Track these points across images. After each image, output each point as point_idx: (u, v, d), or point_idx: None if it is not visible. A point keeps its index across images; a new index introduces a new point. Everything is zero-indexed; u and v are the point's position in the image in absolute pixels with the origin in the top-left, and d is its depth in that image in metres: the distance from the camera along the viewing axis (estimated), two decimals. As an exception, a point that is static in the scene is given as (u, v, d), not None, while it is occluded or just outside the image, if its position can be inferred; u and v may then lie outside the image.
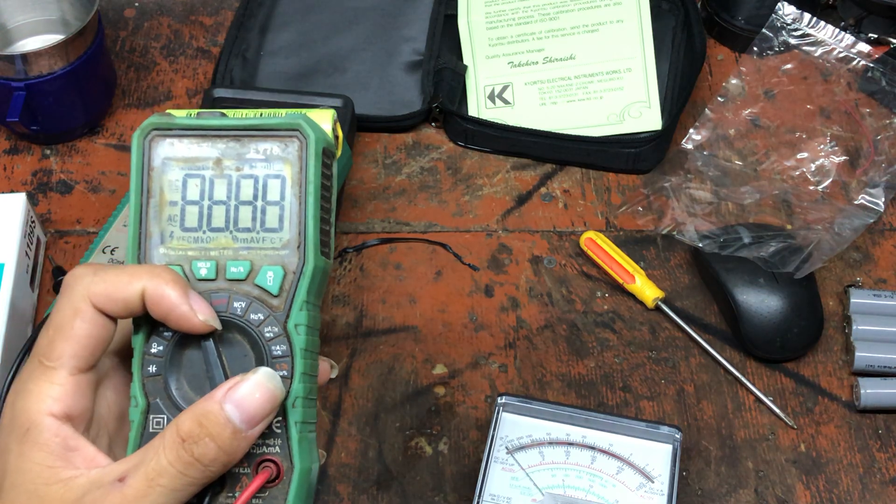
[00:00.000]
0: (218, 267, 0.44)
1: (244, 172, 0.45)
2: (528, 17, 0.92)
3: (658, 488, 0.65)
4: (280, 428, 0.43)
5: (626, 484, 0.66)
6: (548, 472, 0.66)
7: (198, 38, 0.96)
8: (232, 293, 0.44)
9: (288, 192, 0.45)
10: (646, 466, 0.66)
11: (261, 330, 0.44)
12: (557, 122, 0.88)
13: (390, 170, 0.86)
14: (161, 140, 0.45)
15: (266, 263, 0.44)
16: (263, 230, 0.45)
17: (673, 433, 0.67)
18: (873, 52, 0.89)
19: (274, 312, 0.44)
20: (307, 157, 0.44)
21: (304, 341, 0.44)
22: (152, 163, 0.45)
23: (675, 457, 0.66)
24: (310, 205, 0.44)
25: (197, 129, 0.45)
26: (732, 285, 0.75)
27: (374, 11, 0.95)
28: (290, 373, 0.44)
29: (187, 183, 0.45)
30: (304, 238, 0.44)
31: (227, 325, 0.44)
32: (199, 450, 0.41)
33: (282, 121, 0.45)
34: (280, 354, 0.44)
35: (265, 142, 0.45)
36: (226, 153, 0.45)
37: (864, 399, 0.72)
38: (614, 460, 0.67)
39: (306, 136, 0.45)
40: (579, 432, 0.67)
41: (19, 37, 0.88)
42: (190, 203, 0.45)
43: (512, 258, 0.81)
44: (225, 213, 0.45)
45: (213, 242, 0.45)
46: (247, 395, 0.42)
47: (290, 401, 0.43)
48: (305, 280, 0.44)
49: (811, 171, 0.84)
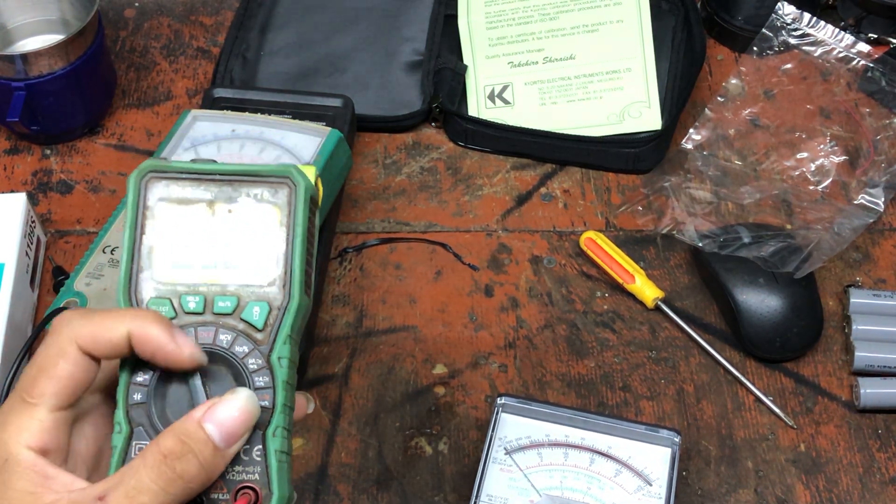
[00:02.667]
0: (206, 301, 0.46)
1: (236, 214, 0.47)
2: (528, 17, 0.92)
3: (656, 492, 0.65)
4: (260, 456, 0.45)
5: (624, 487, 0.66)
6: (546, 473, 0.66)
7: (198, 38, 0.96)
8: (218, 326, 0.46)
9: (276, 233, 0.47)
10: (644, 469, 0.66)
11: (245, 361, 0.45)
12: (557, 122, 0.88)
13: (390, 170, 0.86)
14: (157, 182, 0.47)
15: (252, 299, 0.46)
16: (251, 268, 0.47)
17: (672, 436, 0.67)
18: (873, 52, 0.89)
19: (258, 346, 0.46)
20: (296, 202, 0.47)
21: (286, 374, 0.46)
22: (147, 202, 0.47)
23: (674, 461, 0.66)
24: (297, 246, 0.47)
25: (192, 173, 0.47)
26: (732, 285, 0.75)
27: (374, 11, 0.95)
28: (272, 403, 0.45)
29: (180, 222, 0.47)
30: (289, 277, 0.46)
31: (212, 356, 0.45)
32: (181, 466, 0.42)
33: (273, 168, 0.47)
34: (263, 385, 0.45)
35: (256, 187, 0.47)
36: (218, 196, 0.47)
37: (864, 399, 0.72)
38: (613, 463, 0.66)
39: (296, 184, 0.47)
40: (578, 434, 0.67)
41: (19, 37, 0.88)
42: (182, 241, 0.47)
43: (512, 258, 0.81)
44: (215, 252, 0.47)
45: (203, 278, 0.46)
46: (225, 414, 0.43)
47: (271, 430, 0.45)
48: (290, 316, 0.46)
49: (811, 171, 0.84)
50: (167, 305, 0.46)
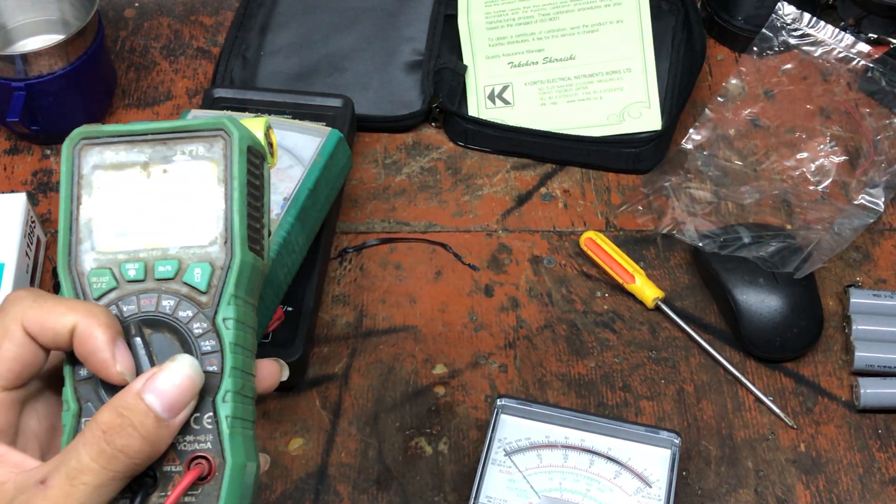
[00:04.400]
0: (147, 267, 0.45)
1: (171, 174, 0.45)
2: (528, 17, 0.92)
3: (655, 493, 0.65)
4: (211, 423, 0.43)
5: (624, 488, 0.66)
6: (545, 474, 0.66)
7: (198, 38, 0.96)
8: (161, 292, 0.44)
9: (215, 189, 0.45)
10: (644, 471, 0.66)
11: (189, 326, 0.44)
12: (557, 122, 0.88)
13: (390, 170, 0.86)
14: (90, 148, 0.46)
15: (194, 261, 0.44)
16: (191, 229, 0.45)
17: (672, 438, 0.67)
18: (873, 52, 0.89)
19: (203, 309, 0.44)
20: (231, 154, 0.45)
21: (234, 335, 0.44)
22: (81, 170, 0.46)
23: (674, 462, 0.66)
24: (235, 200, 0.45)
25: (124, 136, 0.46)
26: (732, 285, 0.75)
27: (374, 11, 0.95)
28: (221, 367, 0.43)
29: (116, 188, 0.46)
30: (230, 233, 0.45)
31: (156, 323, 0.44)
32: (122, 441, 0.40)
33: (206, 121, 0.45)
34: (209, 350, 0.44)
35: (191, 143, 0.45)
36: (152, 157, 0.46)
37: (864, 399, 0.72)
38: (612, 464, 0.66)
39: (230, 135, 0.45)
40: (578, 436, 0.67)
41: (19, 37, 0.88)
42: (119, 208, 0.45)
43: (512, 258, 0.81)
44: (153, 216, 0.45)
45: (142, 244, 0.45)
46: (166, 383, 0.41)
47: (221, 395, 0.43)
48: (233, 274, 0.44)
49: (811, 171, 0.84)
50: (107, 275, 0.45)
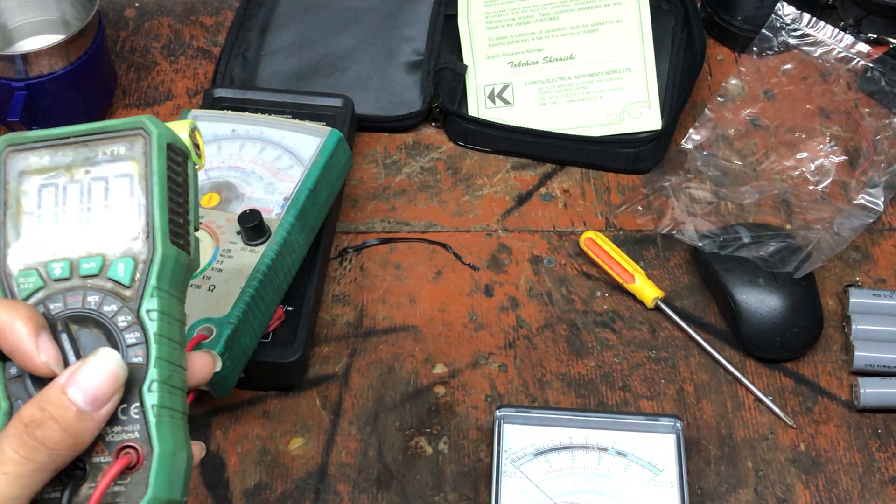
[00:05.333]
0: (72, 266, 0.46)
1: (94, 175, 0.47)
2: (528, 17, 0.92)
3: (667, 480, 0.66)
4: (138, 413, 0.44)
5: (636, 481, 0.66)
6: (557, 479, 0.66)
7: (198, 38, 0.96)
8: (86, 289, 0.45)
9: (136, 187, 0.46)
10: (651, 459, 0.67)
11: (114, 320, 0.45)
12: (557, 122, 0.88)
13: (390, 170, 0.86)
14: (16, 154, 0.47)
15: (117, 256, 0.46)
16: (115, 227, 0.46)
17: (673, 422, 0.67)
18: (873, 52, 0.89)
19: (127, 303, 0.45)
20: (151, 151, 0.46)
21: (158, 327, 0.45)
22: (7, 176, 0.47)
23: (679, 445, 0.67)
24: (155, 195, 0.46)
25: (47, 140, 0.47)
26: (732, 285, 0.75)
27: (374, 11, 0.95)
28: (146, 358, 0.45)
29: (42, 192, 0.47)
30: (151, 227, 0.46)
31: (82, 319, 0.45)
32: (42, 433, 0.41)
33: (126, 121, 0.47)
34: (134, 342, 0.45)
35: (112, 144, 0.47)
36: (75, 159, 0.47)
37: (864, 398, 0.72)
38: (620, 458, 0.67)
39: (149, 133, 0.46)
40: (581, 434, 0.68)
41: (20, 37, 0.89)
42: (44, 211, 0.47)
43: (512, 258, 0.81)
44: (78, 216, 0.47)
45: (68, 244, 0.46)
46: (88, 377, 0.42)
47: (147, 385, 0.44)
48: (155, 267, 0.45)
49: (811, 171, 0.84)
50: (34, 276, 0.46)
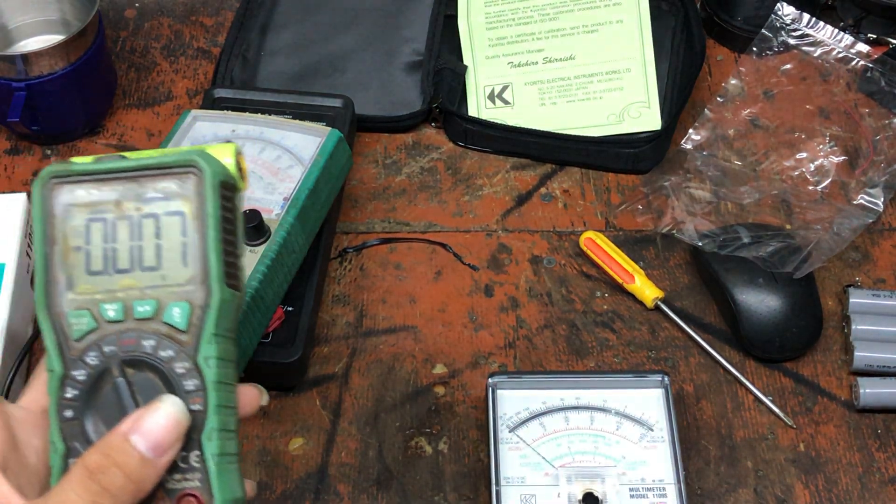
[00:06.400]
0: (125, 307, 0.44)
1: (144, 212, 0.45)
2: (527, 17, 0.92)
3: (659, 435, 0.67)
4: (198, 462, 0.44)
5: (629, 437, 0.67)
6: (552, 442, 0.67)
7: (198, 39, 0.96)
8: (140, 332, 0.44)
9: (189, 227, 0.45)
10: (642, 415, 0.68)
11: (171, 366, 0.44)
12: (557, 122, 0.88)
13: (390, 170, 0.86)
14: (61, 187, 0.45)
15: (172, 300, 0.44)
16: (168, 268, 0.45)
17: (660, 377, 0.69)
18: (872, 53, 0.89)
19: (183, 348, 0.44)
20: (205, 191, 0.45)
21: (216, 374, 0.44)
22: (54, 210, 0.45)
23: (668, 399, 0.69)
24: (210, 238, 0.45)
25: (95, 174, 0.45)
26: (732, 285, 0.75)
27: (374, 11, 0.95)
28: (204, 406, 0.44)
29: (90, 227, 0.45)
30: (207, 272, 0.44)
31: (138, 363, 0.44)
32: (107, 479, 0.41)
33: (177, 158, 0.45)
34: (193, 389, 0.44)
35: (163, 180, 0.45)
36: (125, 195, 0.45)
37: (864, 399, 0.72)
38: (612, 416, 0.68)
39: (202, 171, 0.45)
40: (573, 395, 0.69)
41: (20, 37, 0.89)
42: (94, 247, 0.45)
43: (512, 258, 0.81)
44: (129, 254, 0.45)
45: (120, 284, 0.45)
46: (152, 424, 0.42)
47: (206, 434, 0.44)
48: (212, 313, 0.44)
49: (810, 171, 0.84)
50: (87, 316, 0.45)
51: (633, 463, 0.67)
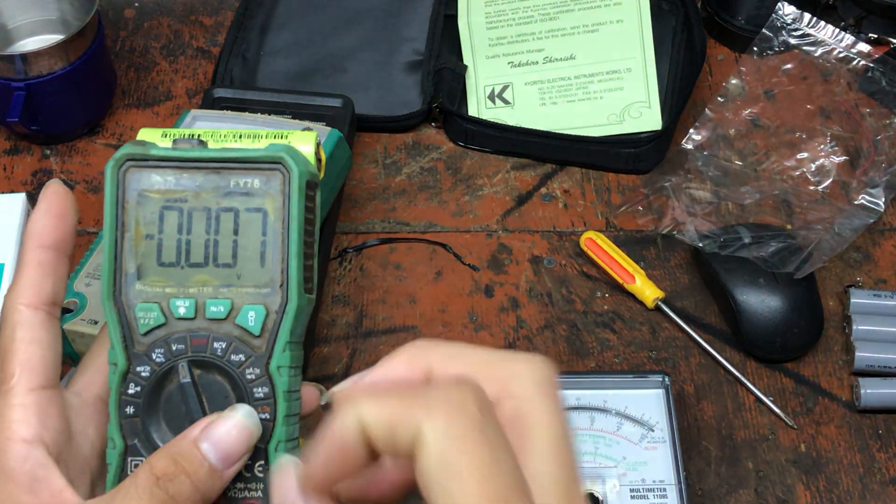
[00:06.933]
0: (197, 305, 0.43)
1: (224, 206, 0.43)
2: (528, 17, 0.92)
3: (659, 436, 0.67)
4: (262, 472, 0.42)
5: (629, 438, 0.67)
6: None
7: (198, 38, 0.96)
8: (212, 333, 0.42)
9: (269, 227, 0.43)
10: (643, 416, 0.68)
11: (242, 372, 0.42)
12: (557, 122, 0.88)
13: (390, 170, 0.86)
14: (136, 171, 0.43)
15: (247, 303, 0.43)
16: (244, 267, 0.43)
17: (660, 378, 0.69)
18: (873, 52, 0.89)
19: (255, 353, 0.42)
20: (290, 192, 0.43)
21: (287, 383, 0.42)
22: (127, 195, 0.43)
23: (668, 399, 0.68)
24: (293, 242, 0.43)
25: (174, 161, 0.43)
26: (732, 285, 0.75)
27: (374, 11, 0.95)
28: (273, 416, 0.42)
29: (164, 216, 0.43)
30: (286, 277, 0.43)
31: (206, 365, 0.42)
32: (175, 488, 0.40)
33: (264, 153, 0.43)
34: (262, 397, 0.42)
35: (246, 175, 0.43)
36: (205, 186, 0.43)
37: (865, 399, 0.72)
38: (612, 416, 0.68)
39: (289, 171, 0.43)
40: (573, 395, 0.69)
41: (19, 37, 0.88)
42: (167, 237, 0.43)
43: (512, 258, 0.81)
44: (204, 249, 0.43)
45: (192, 279, 0.43)
46: (223, 434, 0.41)
47: (273, 444, 0.42)
48: (288, 320, 0.43)
49: (811, 171, 0.84)
50: (156, 311, 0.43)
51: (634, 464, 0.66)
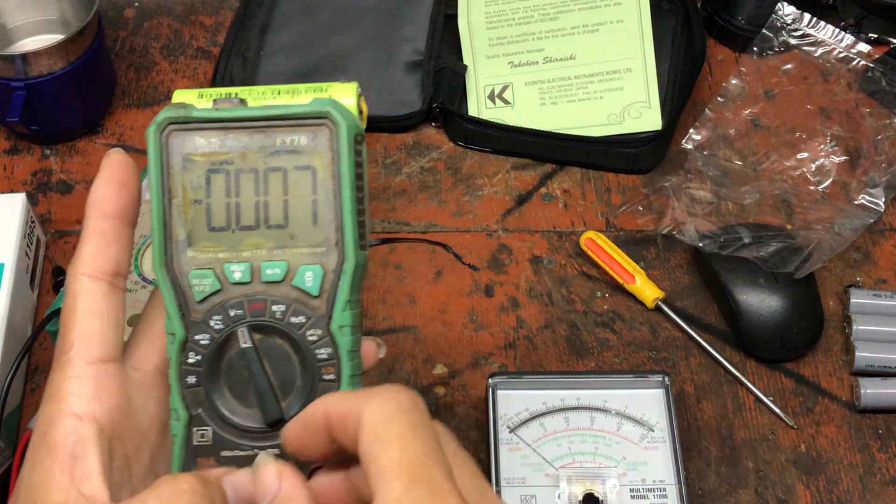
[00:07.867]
0: (252, 269, 0.42)
1: (271, 166, 0.42)
2: (528, 17, 0.92)
3: (659, 436, 0.67)
4: None
5: (629, 438, 0.67)
6: (552, 442, 0.67)
7: (198, 38, 0.96)
8: (270, 296, 0.42)
9: (320, 185, 0.42)
10: (643, 416, 0.68)
11: (303, 334, 0.42)
12: (557, 122, 0.88)
13: (390, 170, 0.86)
14: (179, 134, 0.42)
15: (303, 263, 0.42)
16: (297, 227, 0.42)
17: (661, 377, 0.69)
18: (873, 52, 0.89)
19: (315, 314, 0.42)
20: (339, 147, 0.41)
21: (350, 342, 0.42)
22: (171, 159, 0.42)
23: (668, 399, 0.68)
24: (346, 198, 0.41)
25: (217, 121, 0.42)
26: (732, 285, 0.75)
27: (374, 11, 0.95)
28: (338, 376, 0.41)
29: (211, 179, 0.42)
30: (341, 234, 0.42)
31: (266, 329, 0.42)
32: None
33: (309, 108, 0.42)
34: (325, 358, 0.41)
35: (292, 132, 0.42)
36: (250, 146, 0.42)
37: (865, 399, 0.72)
38: (612, 416, 0.68)
39: (336, 125, 0.41)
40: (573, 395, 0.69)
41: (19, 37, 0.88)
42: (215, 201, 0.42)
43: (512, 258, 0.81)
44: (254, 211, 0.42)
45: (245, 242, 0.42)
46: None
47: None
48: (346, 278, 0.42)
49: (811, 171, 0.84)
50: (210, 277, 0.42)
51: (634, 463, 0.66)
